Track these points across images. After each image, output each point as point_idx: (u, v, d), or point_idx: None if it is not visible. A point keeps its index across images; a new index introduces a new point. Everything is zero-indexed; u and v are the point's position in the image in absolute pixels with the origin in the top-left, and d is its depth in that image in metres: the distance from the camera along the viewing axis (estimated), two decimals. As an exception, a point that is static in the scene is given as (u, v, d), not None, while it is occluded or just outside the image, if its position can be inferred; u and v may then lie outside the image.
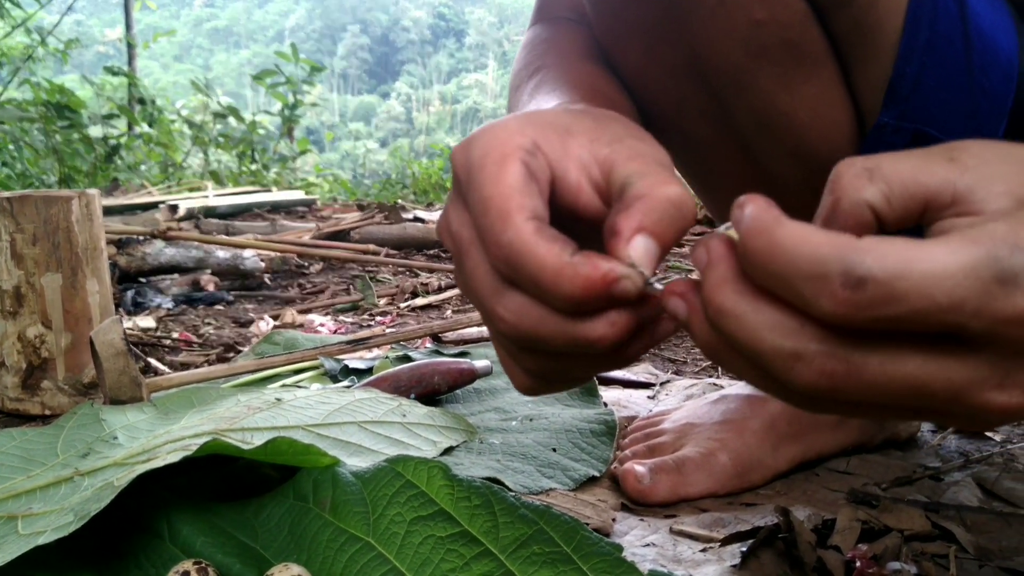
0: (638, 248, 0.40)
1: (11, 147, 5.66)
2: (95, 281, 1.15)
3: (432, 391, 1.06)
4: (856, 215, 0.37)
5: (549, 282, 0.39)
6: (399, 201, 4.67)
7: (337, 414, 0.91)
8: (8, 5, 5.81)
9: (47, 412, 1.15)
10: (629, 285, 0.39)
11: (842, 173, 0.37)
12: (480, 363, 1.12)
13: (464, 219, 0.44)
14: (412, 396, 1.04)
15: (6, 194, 1.12)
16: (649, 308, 0.42)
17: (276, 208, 4.13)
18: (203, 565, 0.65)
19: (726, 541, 0.75)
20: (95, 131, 6.22)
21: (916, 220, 0.37)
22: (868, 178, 0.36)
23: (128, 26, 7.61)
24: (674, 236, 0.41)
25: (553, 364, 0.45)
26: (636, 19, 0.75)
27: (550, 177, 0.44)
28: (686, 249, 2.64)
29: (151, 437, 0.89)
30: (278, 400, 0.93)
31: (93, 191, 1.16)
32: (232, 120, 6.68)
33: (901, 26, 0.70)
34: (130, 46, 7.42)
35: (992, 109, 0.73)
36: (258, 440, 0.76)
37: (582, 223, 0.45)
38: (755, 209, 0.35)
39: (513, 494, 0.66)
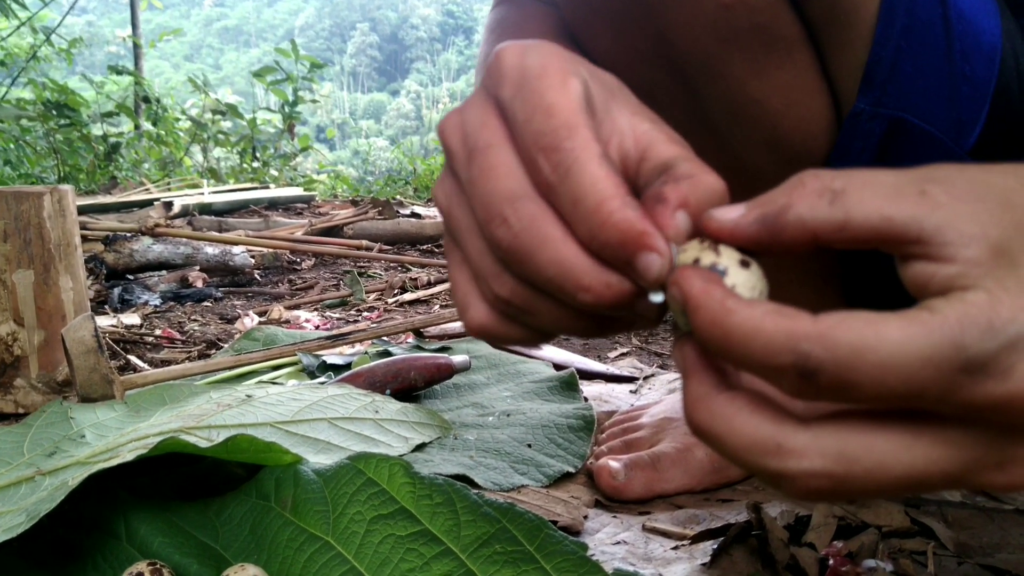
0: (680, 221, 0.37)
1: (12, 146, 5.67)
2: (68, 278, 1.14)
3: (409, 386, 1.04)
4: (795, 234, 0.34)
5: (592, 203, 0.36)
6: (398, 197, 4.66)
7: (308, 411, 0.90)
8: (14, 6, 5.81)
9: (20, 410, 1.13)
10: (655, 262, 0.36)
11: (805, 182, 0.35)
12: (458, 358, 1.10)
13: (489, 121, 0.41)
14: (388, 392, 1.02)
15: (-24, 191, 1.11)
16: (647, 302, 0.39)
17: (274, 205, 4.12)
18: (157, 566, 0.64)
19: (697, 539, 0.73)
20: (97, 130, 6.23)
21: (869, 248, 0.34)
22: (829, 201, 0.33)
23: (134, 26, 7.62)
24: None
25: (526, 299, 0.41)
26: (604, 3, 0.73)
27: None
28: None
29: (119, 435, 0.88)
30: (248, 397, 0.92)
31: (66, 187, 1.14)
32: (237, 118, 6.67)
33: (877, 9, 0.68)
34: (136, 46, 7.43)
35: (973, 94, 0.71)
36: (223, 438, 0.75)
37: None
38: (700, 296, 0.33)
39: (477, 492, 0.64)
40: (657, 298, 0.37)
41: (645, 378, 1.27)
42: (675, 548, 0.74)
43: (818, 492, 0.33)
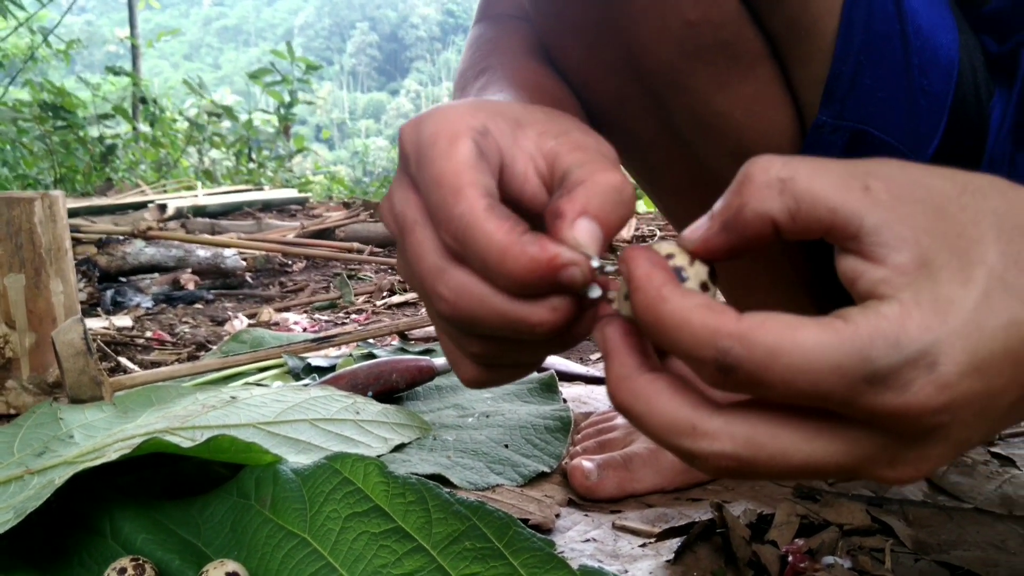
0: (583, 230, 0.39)
1: (9, 148, 5.68)
2: (59, 281, 1.16)
3: (390, 388, 1.07)
4: (757, 227, 0.37)
5: (496, 259, 0.39)
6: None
7: (290, 412, 0.92)
8: (11, 6, 5.81)
9: (12, 411, 1.16)
10: (576, 273, 0.39)
11: (753, 177, 0.36)
12: (441, 360, 1.12)
13: (409, 198, 0.44)
14: (369, 394, 1.04)
15: (-32, 197, 1.13)
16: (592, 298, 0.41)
17: (268, 207, 4.14)
18: (140, 561, 0.66)
19: (662, 536, 0.76)
20: (94, 131, 6.24)
21: (817, 237, 0.37)
22: (779, 191, 0.36)
23: (132, 26, 7.61)
24: (617, 222, 0.41)
25: (496, 349, 0.44)
26: (574, 19, 0.75)
27: (499, 162, 0.44)
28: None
29: (106, 436, 0.90)
30: (233, 398, 0.94)
31: (56, 193, 1.17)
32: (230, 118, 6.68)
33: (837, 26, 0.70)
34: (134, 46, 7.43)
35: (932, 107, 0.73)
36: (206, 438, 0.77)
37: (528, 215, 0.44)
38: (641, 278, 0.35)
39: (449, 491, 0.67)
40: (595, 293, 0.40)
41: (625, 380, 1.29)
42: (643, 545, 0.76)
43: (726, 471, 0.36)
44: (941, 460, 0.35)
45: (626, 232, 2.76)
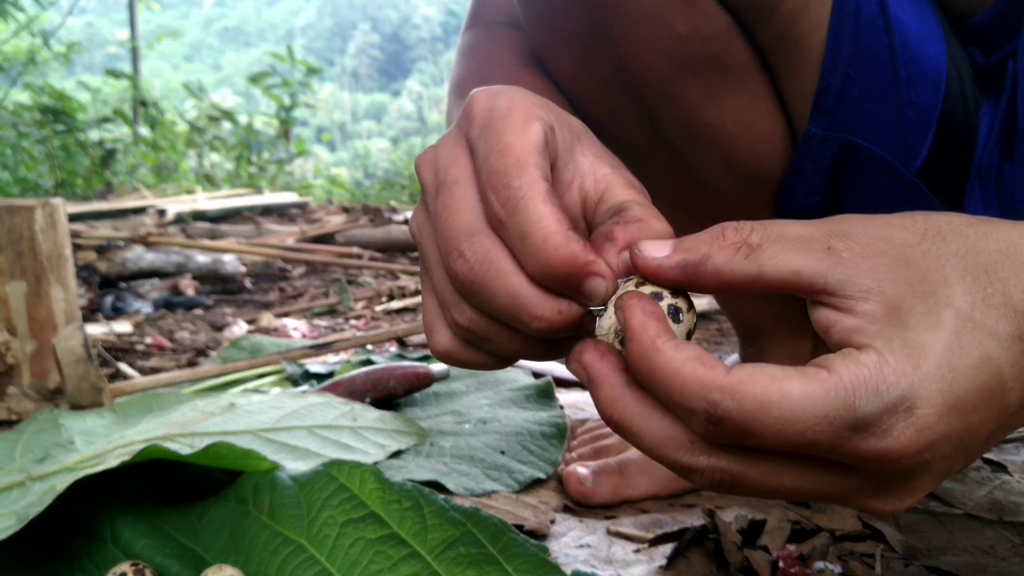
0: (626, 259, 0.41)
1: (9, 152, 5.69)
2: (60, 288, 1.18)
3: (388, 395, 1.08)
4: (711, 283, 0.38)
5: (537, 239, 0.40)
6: (391, 203, 4.69)
7: (288, 419, 0.93)
8: (12, 9, 5.82)
9: (13, 417, 1.17)
10: (601, 286, 0.40)
11: (726, 235, 0.38)
12: (438, 366, 1.13)
13: (459, 157, 0.45)
14: (367, 400, 1.05)
15: (-31, 205, 1.15)
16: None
17: (268, 211, 4.15)
18: (140, 567, 0.67)
19: (655, 542, 0.77)
20: (94, 135, 6.24)
21: (780, 293, 0.38)
22: (745, 256, 0.38)
23: (133, 27, 7.62)
24: None
25: (483, 327, 0.45)
26: (566, 31, 0.76)
27: (553, 162, 0.45)
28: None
29: (106, 442, 0.91)
30: (232, 405, 0.95)
31: (57, 200, 1.18)
32: (230, 122, 6.69)
33: (825, 39, 0.71)
34: (133, 49, 7.44)
35: (919, 119, 0.74)
36: (205, 445, 0.78)
37: None
38: (636, 327, 0.37)
39: (444, 497, 0.67)
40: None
41: (621, 386, 1.30)
42: (636, 551, 0.77)
43: (719, 485, 0.37)
44: (924, 491, 0.37)
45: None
